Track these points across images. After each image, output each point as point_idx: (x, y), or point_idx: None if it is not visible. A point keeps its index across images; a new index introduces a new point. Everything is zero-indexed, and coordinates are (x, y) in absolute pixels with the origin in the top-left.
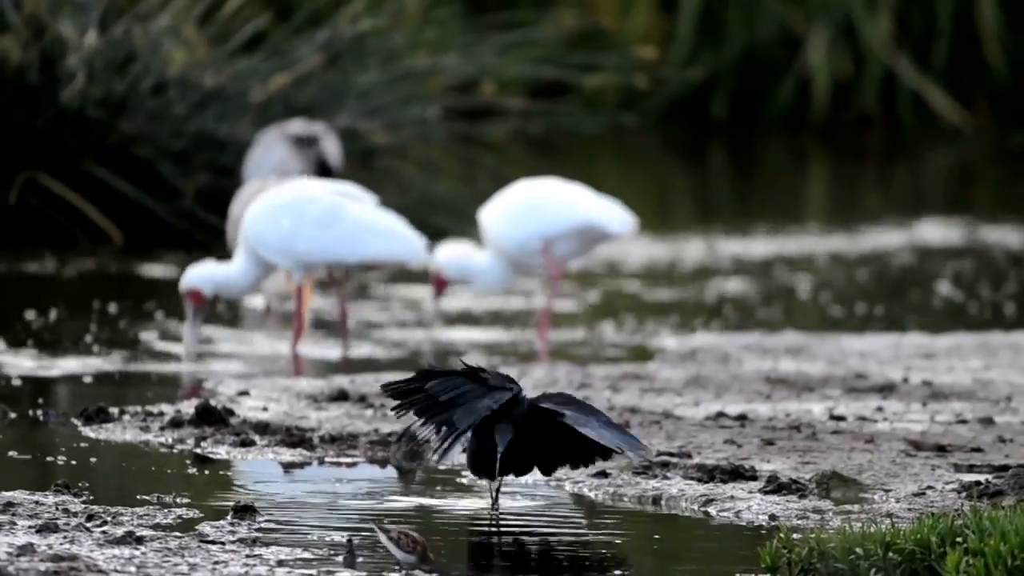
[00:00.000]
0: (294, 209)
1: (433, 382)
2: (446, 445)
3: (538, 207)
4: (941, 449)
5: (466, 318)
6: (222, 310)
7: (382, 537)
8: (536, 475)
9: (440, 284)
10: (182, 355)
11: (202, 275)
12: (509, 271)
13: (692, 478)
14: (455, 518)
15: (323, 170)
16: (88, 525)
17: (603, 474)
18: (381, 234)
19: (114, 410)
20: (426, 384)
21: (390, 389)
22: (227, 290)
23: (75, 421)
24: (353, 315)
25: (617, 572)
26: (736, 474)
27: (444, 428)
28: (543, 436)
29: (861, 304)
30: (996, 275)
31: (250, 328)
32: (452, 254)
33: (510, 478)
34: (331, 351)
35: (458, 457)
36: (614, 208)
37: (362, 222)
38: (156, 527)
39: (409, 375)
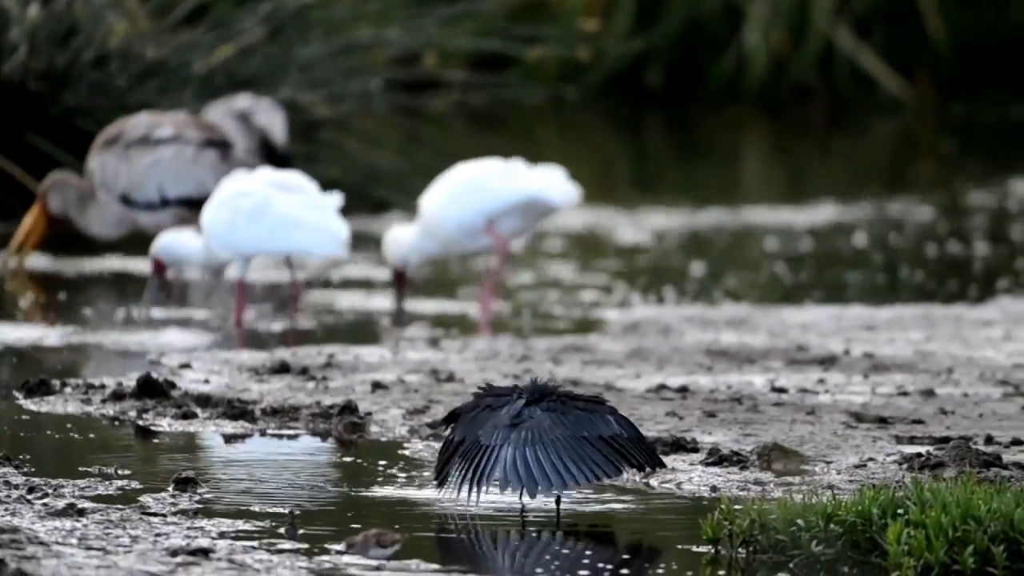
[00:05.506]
0: (232, 203)
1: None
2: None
3: (479, 186)
4: (882, 421)
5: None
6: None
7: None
8: None
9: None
10: (139, 309)
11: (163, 245)
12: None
13: None
14: (392, 491)
15: (267, 147)
16: (29, 497)
17: None
18: (305, 229)
19: (56, 382)
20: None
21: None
22: (186, 263)
23: (16, 394)
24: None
25: (556, 543)
26: (678, 446)
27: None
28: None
29: (803, 276)
30: (937, 247)
31: (196, 301)
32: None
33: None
34: (274, 324)
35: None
36: (556, 179)
37: (288, 216)
38: (98, 499)
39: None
